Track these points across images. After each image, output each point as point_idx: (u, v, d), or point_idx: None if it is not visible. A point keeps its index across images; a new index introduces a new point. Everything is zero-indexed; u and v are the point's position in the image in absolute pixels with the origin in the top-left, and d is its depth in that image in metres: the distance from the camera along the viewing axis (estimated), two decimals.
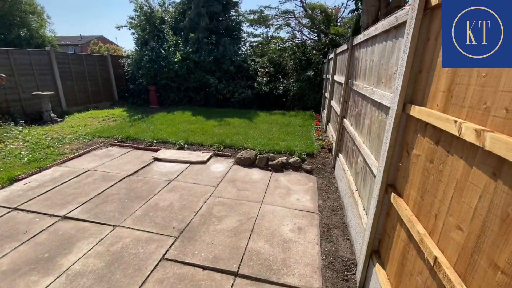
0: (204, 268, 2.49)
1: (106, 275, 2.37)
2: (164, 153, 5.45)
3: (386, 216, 2.03)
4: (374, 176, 2.24)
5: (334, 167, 4.80)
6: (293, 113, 9.62)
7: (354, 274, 2.50)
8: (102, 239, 2.84)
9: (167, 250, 2.70)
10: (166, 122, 7.88)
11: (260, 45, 13.86)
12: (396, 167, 1.91)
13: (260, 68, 11.19)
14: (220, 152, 5.55)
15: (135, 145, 5.95)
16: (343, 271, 2.53)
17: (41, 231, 2.95)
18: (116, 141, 6.21)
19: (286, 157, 5.05)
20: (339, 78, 5.17)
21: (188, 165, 4.96)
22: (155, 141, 6.19)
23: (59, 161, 4.88)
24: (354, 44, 3.92)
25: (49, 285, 2.25)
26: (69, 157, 5.10)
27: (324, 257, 2.70)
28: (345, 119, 4.24)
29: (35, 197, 3.65)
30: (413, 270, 1.55)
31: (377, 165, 2.20)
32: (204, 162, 5.09)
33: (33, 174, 4.36)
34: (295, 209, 3.55)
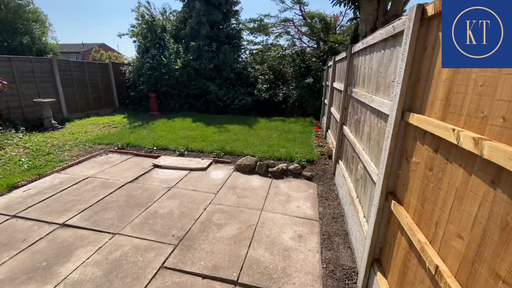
0: (204, 277, 2.46)
1: (105, 284, 2.34)
2: (164, 160, 5.45)
3: (387, 224, 2.02)
4: (374, 183, 2.24)
5: (334, 174, 4.80)
6: (293, 120, 9.66)
7: (355, 283, 2.47)
8: (101, 247, 2.82)
9: (166, 259, 2.68)
10: (167, 129, 7.90)
11: (260, 53, 14.01)
12: (396, 175, 1.91)
13: (260, 75, 11.28)
14: (220, 159, 5.55)
15: (135, 152, 5.95)
16: (344, 280, 2.50)
17: (40, 239, 2.93)
18: (116, 148, 6.21)
19: (286, 164, 5.04)
20: (338, 85, 5.21)
21: (188, 172, 4.95)
22: (155, 148, 6.20)
23: (59, 168, 4.88)
24: (353, 52, 3.97)
25: None
26: (69, 164, 5.09)
27: (325, 266, 2.67)
28: (345, 126, 4.26)
29: (34, 205, 3.63)
30: (415, 279, 1.53)
31: (377, 172, 2.20)
32: (204, 169, 5.08)
33: (33, 181, 4.35)
34: (296, 217, 3.53)
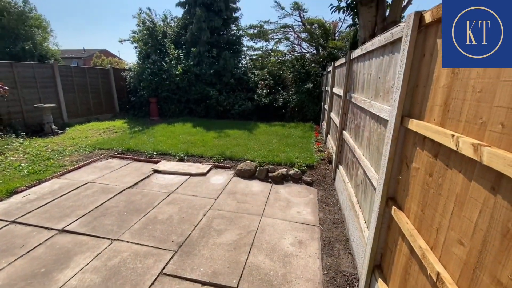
0: (203, 284, 2.44)
1: None
2: (164, 165, 5.44)
3: (388, 230, 2.01)
4: (375, 189, 2.23)
5: (335, 179, 4.79)
6: (293, 125, 9.68)
7: None
8: (100, 253, 2.80)
9: (166, 265, 2.65)
10: (167, 134, 7.91)
11: (260, 58, 14.10)
12: (396, 180, 1.91)
13: (260, 81, 11.35)
14: (220, 164, 5.55)
15: (135, 157, 5.95)
16: (345, 287, 2.48)
17: (38, 245, 2.91)
18: (116, 153, 6.22)
19: (286, 169, 5.04)
20: (338, 91, 5.24)
21: (188, 177, 4.94)
22: (155, 153, 6.20)
23: (59, 173, 4.87)
24: (352, 58, 4.00)
25: None
26: (69, 169, 5.09)
27: (326, 272, 2.64)
28: (345, 131, 4.27)
29: (33, 210, 3.62)
30: (416, 286, 1.52)
31: (377, 178, 2.19)
32: (204, 174, 5.08)
33: (32, 187, 4.34)
34: (296, 222, 3.51)
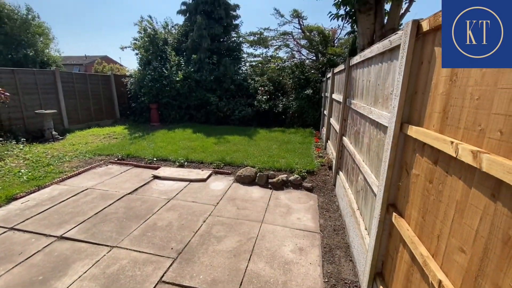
0: None
1: None
2: (164, 171, 5.44)
3: (389, 237, 1.99)
4: (375, 195, 2.23)
5: (335, 185, 4.77)
6: (293, 130, 9.70)
7: None
8: (98, 261, 2.77)
9: (165, 272, 2.63)
10: (167, 140, 7.92)
11: (260, 65, 14.23)
12: (397, 187, 1.91)
13: (260, 87, 11.42)
14: (220, 170, 5.54)
15: (135, 163, 5.95)
16: None
17: (37, 252, 2.88)
18: (116, 159, 6.21)
19: (286, 175, 5.03)
20: (337, 97, 5.27)
21: (188, 183, 4.93)
22: (155, 159, 6.20)
23: (58, 179, 4.86)
24: (351, 65, 4.04)
25: None
26: (69, 175, 5.08)
27: (327, 280, 2.61)
28: (344, 137, 4.28)
29: (32, 217, 3.60)
30: None
31: (378, 184, 2.19)
32: (204, 180, 5.06)
33: (32, 193, 4.33)
34: (296, 229, 3.48)
